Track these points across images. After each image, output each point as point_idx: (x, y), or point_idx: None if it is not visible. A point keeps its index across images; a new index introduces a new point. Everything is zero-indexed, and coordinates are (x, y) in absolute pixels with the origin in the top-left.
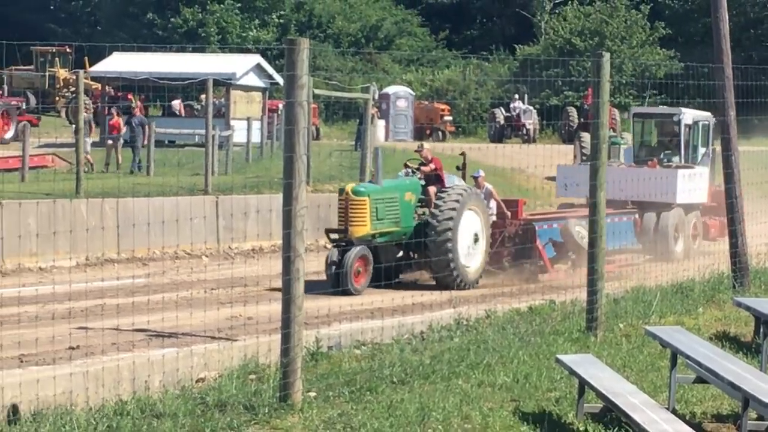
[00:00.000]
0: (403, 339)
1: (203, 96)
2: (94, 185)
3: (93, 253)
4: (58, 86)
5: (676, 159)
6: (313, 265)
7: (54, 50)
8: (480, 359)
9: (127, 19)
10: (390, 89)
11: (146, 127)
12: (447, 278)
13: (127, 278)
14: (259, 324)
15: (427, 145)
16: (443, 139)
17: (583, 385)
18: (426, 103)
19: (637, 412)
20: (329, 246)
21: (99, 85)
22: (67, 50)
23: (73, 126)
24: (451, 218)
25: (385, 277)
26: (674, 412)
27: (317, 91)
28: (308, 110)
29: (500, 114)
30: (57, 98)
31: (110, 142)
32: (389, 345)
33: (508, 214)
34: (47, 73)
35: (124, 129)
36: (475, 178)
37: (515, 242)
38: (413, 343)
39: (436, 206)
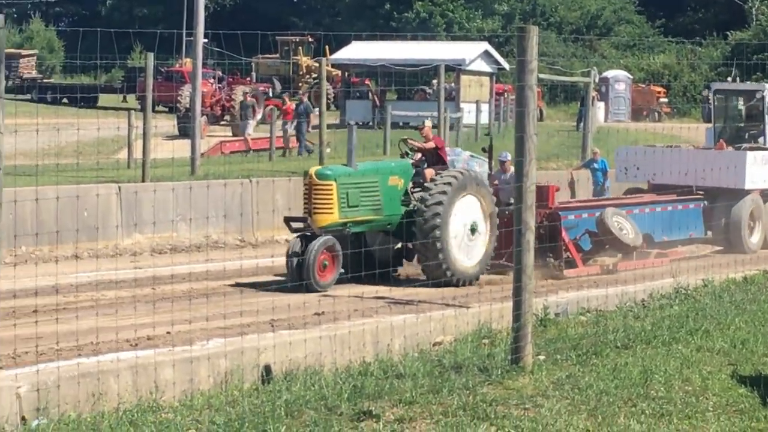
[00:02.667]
0: (625, 306)
1: (435, 81)
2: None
3: None
4: (301, 73)
5: (761, 140)
6: None
7: (297, 39)
8: (698, 326)
9: (366, 11)
10: (609, 73)
11: (310, 114)
12: (435, 272)
13: None
14: (491, 292)
15: (428, 122)
16: (659, 120)
17: None
18: (643, 86)
19: None
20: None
21: (339, 72)
22: (310, 39)
23: (316, 109)
24: (440, 203)
25: (379, 271)
26: None
27: (541, 76)
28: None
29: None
30: (300, 84)
31: (286, 127)
32: (612, 312)
33: None
34: (291, 61)
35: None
36: (502, 162)
37: (539, 234)
38: (635, 311)
39: (426, 189)
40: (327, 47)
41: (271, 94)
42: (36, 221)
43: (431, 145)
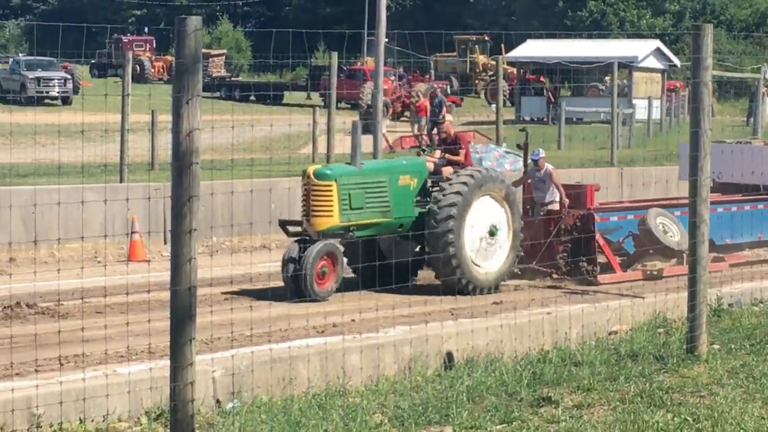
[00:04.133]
0: None
1: (608, 78)
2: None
3: None
4: (477, 70)
5: None
6: None
7: (474, 38)
8: None
9: (540, 10)
10: None
11: (443, 106)
12: (450, 278)
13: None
14: (666, 283)
15: (449, 116)
16: None
17: None
18: None
19: None
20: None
21: (514, 69)
22: (486, 38)
23: (492, 105)
24: (454, 204)
25: (397, 278)
26: None
27: (714, 72)
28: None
29: None
30: (476, 81)
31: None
32: None
33: (566, 201)
34: (468, 59)
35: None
36: (534, 161)
37: (572, 236)
38: None
39: (441, 189)
40: (503, 45)
41: (449, 91)
42: (227, 213)
43: (459, 157)
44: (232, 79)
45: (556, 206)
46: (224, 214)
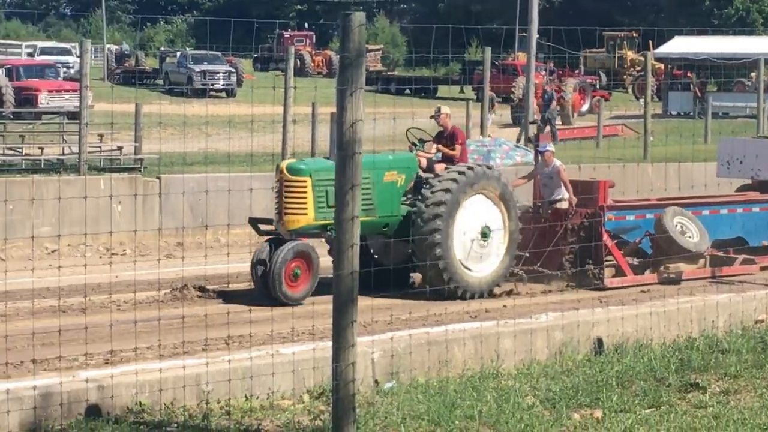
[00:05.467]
0: None
1: (753, 74)
2: (658, 152)
3: None
4: (625, 66)
5: None
6: None
7: (623, 35)
8: None
9: (687, 7)
10: None
11: (553, 101)
12: (437, 283)
13: None
14: None
15: (446, 108)
16: None
17: None
18: None
19: None
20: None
21: (662, 65)
22: (634, 35)
23: (640, 100)
24: (441, 203)
25: (393, 281)
26: None
27: None
28: None
29: None
30: (625, 76)
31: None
32: None
33: (574, 200)
34: (616, 55)
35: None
36: (541, 153)
37: (580, 237)
38: None
39: (428, 187)
40: (651, 42)
41: (597, 86)
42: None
43: (454, 152)
44: (388, 73)
45: (564, 204)
46: None
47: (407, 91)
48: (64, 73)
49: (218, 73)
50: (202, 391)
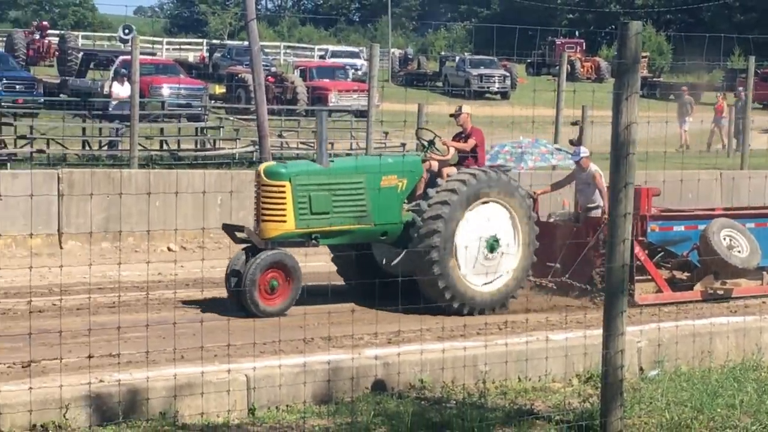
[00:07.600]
0: None
1: None
2: None
3: None
4: None
5: None
6: None
7: None
8: None
9: None
10: None
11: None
12: (437, 298)
13: None
14: None
15: (467, 107)
16: None
17: None
18: None
19: None
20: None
21: None
22: None
23: None
24: (438, 216)
25: (405, 294)
26: None
27: None
28: None
29: None
30: None
31: (713, 124)
32: None
33: (606, 207)
34: None
35: None
36: (577, 161)
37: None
38: None
39: (426, 196)
40: None
41: None
42: None
43: (465, 145)
44: (655, 79)
45: (597, 213)
46: None
47: (671, 96)
48: (353, 74)
49: (494, 76)
50: (479, 372)
